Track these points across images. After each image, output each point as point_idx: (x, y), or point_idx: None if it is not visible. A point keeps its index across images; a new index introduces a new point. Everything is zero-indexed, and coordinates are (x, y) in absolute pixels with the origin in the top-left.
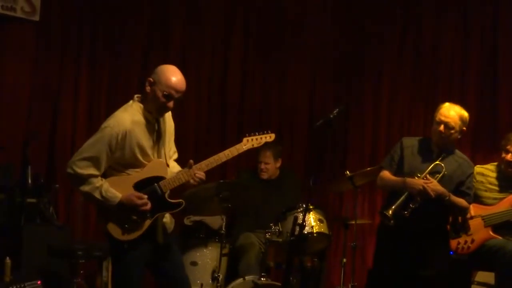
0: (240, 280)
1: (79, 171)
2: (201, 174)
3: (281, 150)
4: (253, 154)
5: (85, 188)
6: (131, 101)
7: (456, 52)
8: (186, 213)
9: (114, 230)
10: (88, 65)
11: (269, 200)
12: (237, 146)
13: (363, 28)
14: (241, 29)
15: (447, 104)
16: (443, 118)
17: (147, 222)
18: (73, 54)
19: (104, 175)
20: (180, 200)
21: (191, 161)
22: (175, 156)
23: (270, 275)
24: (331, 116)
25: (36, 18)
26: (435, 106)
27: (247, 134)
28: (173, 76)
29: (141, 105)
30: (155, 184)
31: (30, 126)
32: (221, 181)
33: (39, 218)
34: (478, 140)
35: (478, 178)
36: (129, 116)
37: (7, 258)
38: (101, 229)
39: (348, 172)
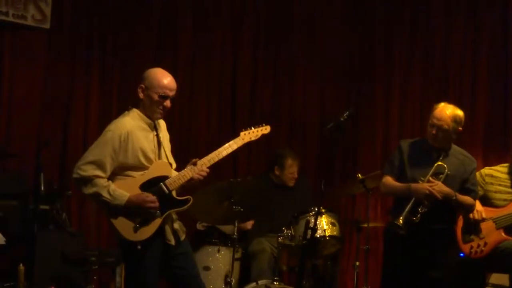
0: (253, 284)
1: (84, 173)
2: (204, 170)
3: None
4: (264, 158)
5: (92, 189)
6: (126, 111)
7: (466, 52)
8: (198, 220)
9: (124, 230)
10: (99, 72)
11: (281, 204)
12: (236, 140)
13: (372, 29)
14: (250, 31)
15: (440, 106)
16: (435, 121)
17: (158, 221)
18: (84, 61)
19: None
20: (188, 196)
21: (195, 159)
22: (174, 166)
23: (283, 279)
24: (341, 119)
25: (47, 26)
26: None
27: (243, 129)
28: (164, 77)
29: (139, 112)
30: (161, 183)
31: (42, 134)
32: (232, 180)
33: (52, 225)
34: (490, 142)
35: (488, 179)
36: (129, 120)
37: (21, 265)
38: (114, 235)
39: (359, 175)
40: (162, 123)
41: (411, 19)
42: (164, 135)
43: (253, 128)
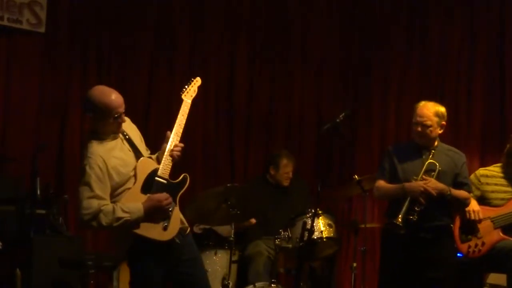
0: (250, 287)
1: (92, 210)
2: (179, 145)
3: None
4: (261, 161)
5: (108, 217)
6: (88, 141)
7: (463, 55)
8: (195, 222)
9: (156, 234)
10: (95, 76)
11: (278, 206)
12: (184, 104)
13: (369, 32)
14: (247, 35)
15: (421, 103)
16: (418, 119)
17: (177, 210)
18: (80, 65)
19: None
20: (183, 175)
21: (168, 132)
22: (148, 152)
23: (280, 281)
24: (338, 120)
25: (42, 30)
26: None
27: (181, 93)
28: (108, 98)
29: (99, 138)
30: (156, 178)
31: (38, 138)
32: (229, 185)
33: (49, 229)
34: (487, 142)
35: (483, 180)
36: (97, 145)
37: (17, 270)
38: (112, 241)
39: (356, 177)
40: (126, 124)
41: (408, 20)
42: (131, 131)
43: (187, 87)
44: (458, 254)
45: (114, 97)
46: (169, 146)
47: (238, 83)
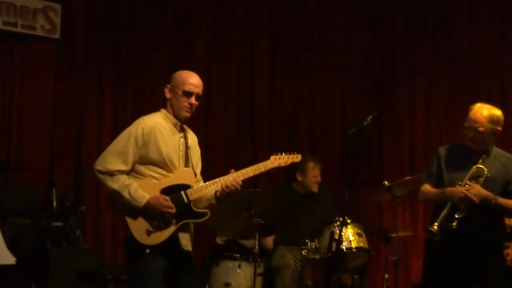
0: None
1: (109, 166)
2: (238, 182)
3: None
4: (284, 167)
5: (114, 185)
6: (154, 112)
7: (493, 52)
8: (216, 234)
9: (137, 231)
10: (112, 82)
11: (304, 215)
12: (265, 163)
13: (394, 32)
14: (268, 36)
15: (476, 106)
16: (471, 123)
17: (172, 228)
18: (96, 71)
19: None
20: (206, 210)
21: (233, 170)
22: (198, 177)
23: None
24: (365, 123)
25: (57, 35)
26: None
27: (274, 153)
28: (188, 74)
29: (166, 111)
30: (182, 191)
31: (55, 147)
32: (252, 190)
33: (66, 241)
34: None
35: None
36: (155, 117)
37: (33, 285)
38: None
39: (386, 182)
40: (192, 135)
41: (433, 19)
42: (193, 145)
43: (284, 154)
44: None
45: (194, 77)
46: (228, 180)
47: (259, 88)
